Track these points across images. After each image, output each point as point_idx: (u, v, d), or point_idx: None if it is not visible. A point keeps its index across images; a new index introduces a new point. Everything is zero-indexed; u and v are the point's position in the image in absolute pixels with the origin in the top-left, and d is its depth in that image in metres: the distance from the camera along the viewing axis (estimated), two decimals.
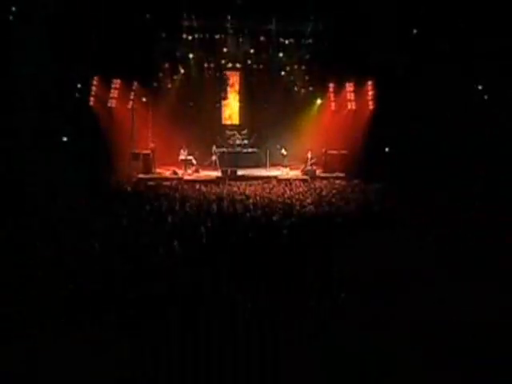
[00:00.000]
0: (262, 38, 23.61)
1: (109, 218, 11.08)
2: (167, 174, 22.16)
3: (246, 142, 25.44)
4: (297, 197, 15.83)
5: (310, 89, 25.32)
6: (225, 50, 24.18)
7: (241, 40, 23.87)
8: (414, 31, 20.96)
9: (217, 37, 23.17)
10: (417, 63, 19.76)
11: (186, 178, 21.24)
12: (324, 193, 16.53)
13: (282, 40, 23.70)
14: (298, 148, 23.93)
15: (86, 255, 7.89)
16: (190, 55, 23.99)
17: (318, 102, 24.69)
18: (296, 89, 25.82)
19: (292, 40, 23.96)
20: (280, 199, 15.26)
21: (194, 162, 22.86)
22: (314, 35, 23.32)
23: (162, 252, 7.77)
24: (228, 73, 26.01)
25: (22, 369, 4.74)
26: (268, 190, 17.25)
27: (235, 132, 25.58)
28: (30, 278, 6.67)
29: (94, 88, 21.34)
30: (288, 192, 16.98)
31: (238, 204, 13.84)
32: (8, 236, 8.96)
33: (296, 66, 25.31)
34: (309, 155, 22.45)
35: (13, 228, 9.75)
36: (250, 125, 25.91)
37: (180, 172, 21.96)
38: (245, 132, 25.76)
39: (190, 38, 23.30)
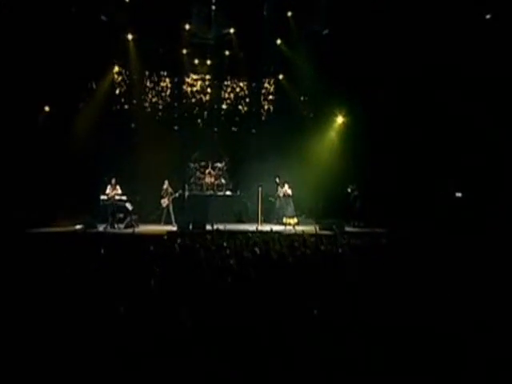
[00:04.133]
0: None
1: None
2: (77, 227, 14.47)
3: (222, 180, 18.74)
4: None
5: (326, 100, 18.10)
6: (187, 27, 16.93)
7: (213, 8, 15.99)
8: None
9: None
10: None
11: (111, 231, 14.51)
12: None
13: None
14: (309, 191, 18.08)
15: None
16: (129, 36, 16.77)
17: (339, 120, 18.14)
18: (303, 98, 19.09)
19: None
20: None
21: (130, 207, 15.43)
22: None
23: None
24: (191, 75, 19.03)
25: None
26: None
27: (205, 165, 18.91)
28: None
29: None
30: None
31: None
32: None
33: (304, 57, 17.54)
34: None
35: None
36: (229, 155, 19.35)
37: (101, 226, 15.07)
38: (221, 165, 19.01)
39: None
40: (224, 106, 19.18)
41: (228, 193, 18.49)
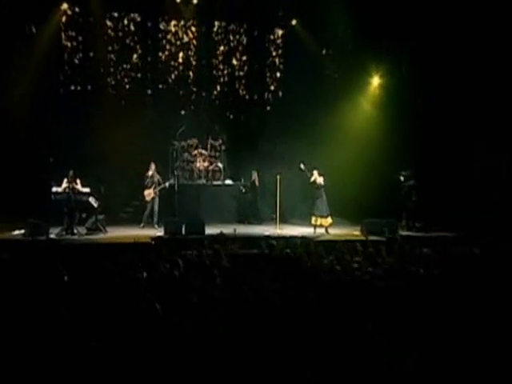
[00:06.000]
0: None
1: None
2: (16, 232, 12.66)
3: (219, 165, 16.28)
4: None
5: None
6: None
7: None
8: None
9: None
10: None
11: (70, 239, 12.41)
12: None
13: None
14: (339, 180, 15.26)
15: None
16: None
17: (375, 81, 16.19)
18: (326, 52, 16.89)
19: None
20: None
21: (95, 204, 12.95)
22: None
23: None
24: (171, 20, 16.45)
25: None
26: None
27: (195, 143, 16.31)
28: None
29: None
30: None
31: None
32: None
33: None
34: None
35: None
36: (227, 130, 16.74)
37: (54, 231, 12.64)
38: (217, 144, 16.40)
39: None
40: (215, 63, 16.78)
41: (228, 181, 16.28)
